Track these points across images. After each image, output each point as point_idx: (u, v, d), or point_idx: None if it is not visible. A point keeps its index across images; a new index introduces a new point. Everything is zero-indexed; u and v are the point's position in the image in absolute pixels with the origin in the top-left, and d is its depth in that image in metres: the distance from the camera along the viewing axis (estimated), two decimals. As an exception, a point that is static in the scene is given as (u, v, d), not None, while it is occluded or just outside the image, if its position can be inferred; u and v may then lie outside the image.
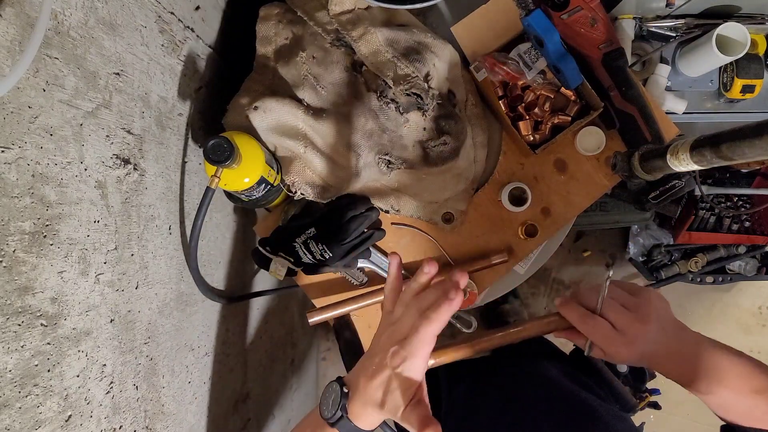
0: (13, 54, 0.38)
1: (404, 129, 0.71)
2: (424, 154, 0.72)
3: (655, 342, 0.52)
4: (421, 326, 0.46)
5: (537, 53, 0.77)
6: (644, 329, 0.52)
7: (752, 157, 0.50)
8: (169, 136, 0.64)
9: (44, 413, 0.41)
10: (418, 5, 0.70)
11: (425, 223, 0.82)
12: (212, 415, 0.76)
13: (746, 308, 1.87)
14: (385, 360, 0.47)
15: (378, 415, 0.48)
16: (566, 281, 1.90)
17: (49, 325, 0.42)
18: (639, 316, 0.52)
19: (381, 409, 0.47)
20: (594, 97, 0.76)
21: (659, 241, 1.57)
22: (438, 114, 0.71)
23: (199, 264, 0.68)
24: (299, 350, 1.44)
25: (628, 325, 0.52)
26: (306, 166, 0.70)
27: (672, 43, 0.89)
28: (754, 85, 0.90)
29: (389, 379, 0.47)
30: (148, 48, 0.58)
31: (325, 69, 0.69)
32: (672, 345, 0.53)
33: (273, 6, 0.75)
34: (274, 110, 0.67)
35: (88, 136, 0.47)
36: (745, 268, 1.52)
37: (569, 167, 0.82)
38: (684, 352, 0.53)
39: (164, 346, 0.62)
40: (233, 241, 0.88)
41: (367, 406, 0.47)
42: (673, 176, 0.71)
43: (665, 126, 0.77)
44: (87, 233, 0.47)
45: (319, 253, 0.75)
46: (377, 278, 0.81)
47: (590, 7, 0.73)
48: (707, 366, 0.52)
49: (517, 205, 0.79)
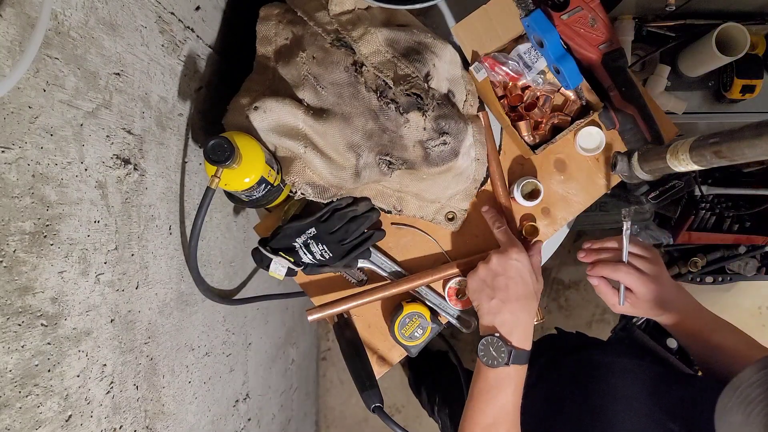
0: (14, 54, 0.38)
1: (404, 129, 0.71)
2: (424, 154, 0.72)
3: (669, 289, 0.65)
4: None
5: (537, 53, 0.77)
6: (663, 270, 0.66)
7: (752, 157, 0.50)
8: (169, 136, 0.64)
9: (44, 413, 0.41)
10: (418, 5, 0.70)
11: (425, 223, 0.82)
12: (212, 415, 0.76)
13: (746, 308, 1.87)
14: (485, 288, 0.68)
15: (524, 312, 0.66)
16: (566, 281, 1.90)
17: (49, 325, 0.42)
18: (655, 260, 0.66)
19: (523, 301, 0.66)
20: (594, 97, 0.76)
21: (659, 241, 1.57)
22: (438, 114, 0.71)
23: (199, 264, 0.68)
24: (299, 350, 1.44)
25: (651, 268, 0.65)
26: (306, 166, 0.70)
27: (672, 43, 0.89)
28: (754, 85, 0.90)
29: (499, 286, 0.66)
30: (148, 48, 0.58)
31: (325, 69, 0.69)
32: (678, 294, 0.66)
33: (273, 6, 0.75)
34: (274, 110, 0.67)
35: (89, 136, 0.47)
36: (745, 268, 1.52)
37: (569, 167, 0.82)
38: (685, 310, 0.66)
39: (164, 346, 0.62)
40: (233, 241, 0.88)
41: (515, 314, 0.65)
42: (673, 176, 0.71)
43: (665, 126, 0.77)
44: (87, 233, 0.47)
45: (319, 253, 0.75)
46: (377, 277, 0.81)
47: (590, 7, 0.73)
48: (699, 324, 0.66)
49: (530, 200, 0.79)
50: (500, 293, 0.66)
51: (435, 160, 0.73)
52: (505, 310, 0.65)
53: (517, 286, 0.66)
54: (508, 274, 0.66)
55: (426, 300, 0.81)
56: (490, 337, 0.63)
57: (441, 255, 0.82)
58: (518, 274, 0.66)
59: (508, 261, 0.67)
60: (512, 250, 0.68)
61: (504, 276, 0.66)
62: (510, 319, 0.65)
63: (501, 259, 0.67)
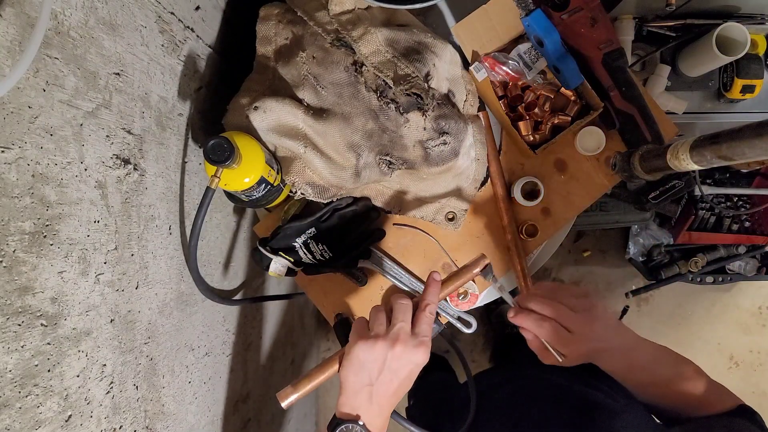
0: (13, 54, 0.38)
1: (404, 129, 0.71)
2: (424, 154, 0.72)
3: (599, 339, 0.58)
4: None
5: (537, 53, 0.77)
6: (591, 327, 0.58)
7: (752, 157, 0.50)
8: (169, 136, 0.64)
9: (44, 413, 0.41)
10: (418, 5, 0.70)
11: (425, 223, 0.82)
12: (212, 415, 0.76)
13: (746, 308, 1.87)
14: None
15: (385, 407, 0.54)
16: (566, 281, 1.90)
17: (49, 325, 0.42)
18: (586, 316, 0.59)
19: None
20: (594, 97, 0.76)
21: (659, 241, 1.57)
22: (438, 114, 0.71)
23: (199, 264, 0.68)
24: (299, 350, 1.44)
25: (578, 325, 0.58)
26: (306, 166, 0.70)
27: (672, 43, 0.89)
28: (754, 85, 0.90)
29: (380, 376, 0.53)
30: (148, 48, 0.58)
31: (325, 69, 0.69)
32: (614, 341, 0.60)
33: (273, 6, 0.75)
34: (274, 110, 0.67)
35: (88, 136, 0.47)
36: (745, 268, 1.52)
37: (569, 167, 0.82)
38: (624, 348, 0.60)
39: (164, 346, 0.62)
40: (233, 241, 0.88)
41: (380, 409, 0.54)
42: (673, 176, 0.71)
43: (665, 126, 0.77)
44: (87, 233, 0.47)
45: (319, 253, 0.75)
46: (375, 283, 0.81)
47: (590, 7, 0.73)
48: (641, 360, 0.60)
49: (530, 200, 0.79)
50: (381, 387, 0.53)
51: (435, 160, 0.73)
52: (375, 404, 0.53)
53: (400, 388, 0.54)
54: (398, 374, 0.53)
55: (426, 300, 0.81)
56: (351, 425, 0.52)
57: (441, 255, 0.82)
58: (409, 377, 0.54)
59: (412, 358, 0.53)
60: (423, 348, 0.54)
61: (394, 374, 0.53)
62: (377, 417, 0.54)
63: (405, 351, 0.53)
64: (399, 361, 0.53)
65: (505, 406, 0.73)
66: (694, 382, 0.60)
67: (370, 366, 0.53)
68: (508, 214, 0.80)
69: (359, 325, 0.56)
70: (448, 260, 0.82)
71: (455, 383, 1.16)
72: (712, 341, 1.89)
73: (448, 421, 0.83)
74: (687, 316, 1.88)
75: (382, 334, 0.53)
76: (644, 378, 0.60)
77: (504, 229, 0.81)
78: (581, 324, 0.58)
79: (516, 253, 0.80)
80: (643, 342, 0.61)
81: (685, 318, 1.89)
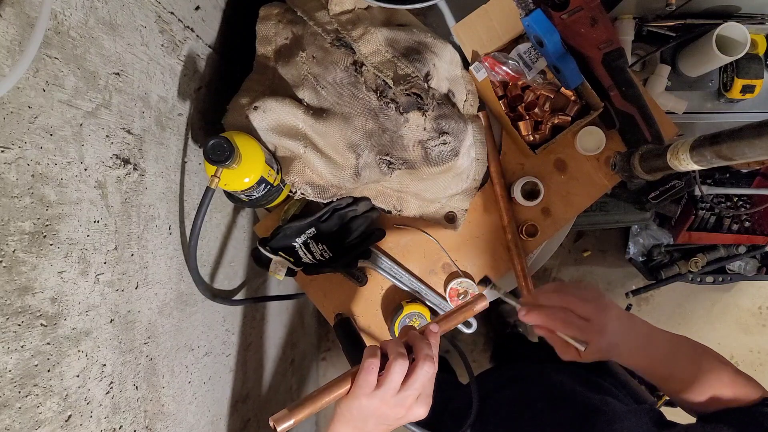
0: (13, 54, 0.38)
1: (404, 129, 0.71)
2: (424, 153, 0.72)
3: (615, 332, 0.56)
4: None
5: (537, 53, 0.77)
6: (606, 314, 0.56)
7: (752, 157, 0.50)
8: (169, 136, 0.64)
9: (44, 413, 0.41)
10: (418, 5, 0.70)
11: (425, 223, 0.82)
12: (212, 415, 0.76)
13: (746, 308, 1.87)
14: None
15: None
16: (566, 281, 1.90)
17: (49, 325, 0.42)
18: (597, 304, 0.57)
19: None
20: (594, 97, 0.76)
21: (659, 241, 1.57)
22: (438, 114, 0.71)
23: (198, 264, 0.68)
24: (299, 350, 1.44)
25: (593, 312, 0.56)
26: (306, 166, 0.70)
27: (672, 43, 0.89)
28: (754, 85, 0.90)
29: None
30: (148, 48, 0.58)
31: (325, 69, 0.69)
32: (629, 334, 0.58)
33: (273, 6, 0.75)
34: (274, 110, 0.67)
35: (88, 136, 0.47)
36: (745, 268, 1.52)
37: (569, 167, 0.82)
38: (640, 339, 0.58)
39: (164, 346, 0.62)
40: (233, 241, 0.88)
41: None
42: (673, 176, 0.71)
43: (665, 126, 0.77)
44: (87, 233, 0.47)
45: (319, 253, 0.75)
46: (374, 287, 0.81)
47: (590, 7, 0.73)
48: (659, 353, 0.58)
49: (530, 200, 0.79)
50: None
51: (435, 160, 0.72)
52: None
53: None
54: (392, 426, 0.53)
55: (426, 300, 0.81)
56: None
57: (442, 255, 0.82)
58: (401, 425, 0.54)
59: (408, 415, 0.51)
60: (424, 408, 0.52)
61: (389, 426, 0.52)
62: None
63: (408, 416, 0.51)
64: (399, 421, 0.52)
65: (507, 407, 0.73)
66: (718, 374, 0.58)
67: (367, 420, 0.51)
68: (508, 214, 0.80)
69: (367, 374, 0.50)
70: (448, 260, 0.82)
71: (456, 383, 1.16)
72: (712, 341, 1.89)
73: (450, 421, 0.83)
74: (687, 316, 1.88)
75: (389, 393, 0.49)
76: (664, 371, 0.59)
77: (504, 229, 0.81)
78: (595, 311, 0.56)
79: (516, 253, 0.80)
80: (658, 332, 0.60)
81: (685, 318, 1.89)
